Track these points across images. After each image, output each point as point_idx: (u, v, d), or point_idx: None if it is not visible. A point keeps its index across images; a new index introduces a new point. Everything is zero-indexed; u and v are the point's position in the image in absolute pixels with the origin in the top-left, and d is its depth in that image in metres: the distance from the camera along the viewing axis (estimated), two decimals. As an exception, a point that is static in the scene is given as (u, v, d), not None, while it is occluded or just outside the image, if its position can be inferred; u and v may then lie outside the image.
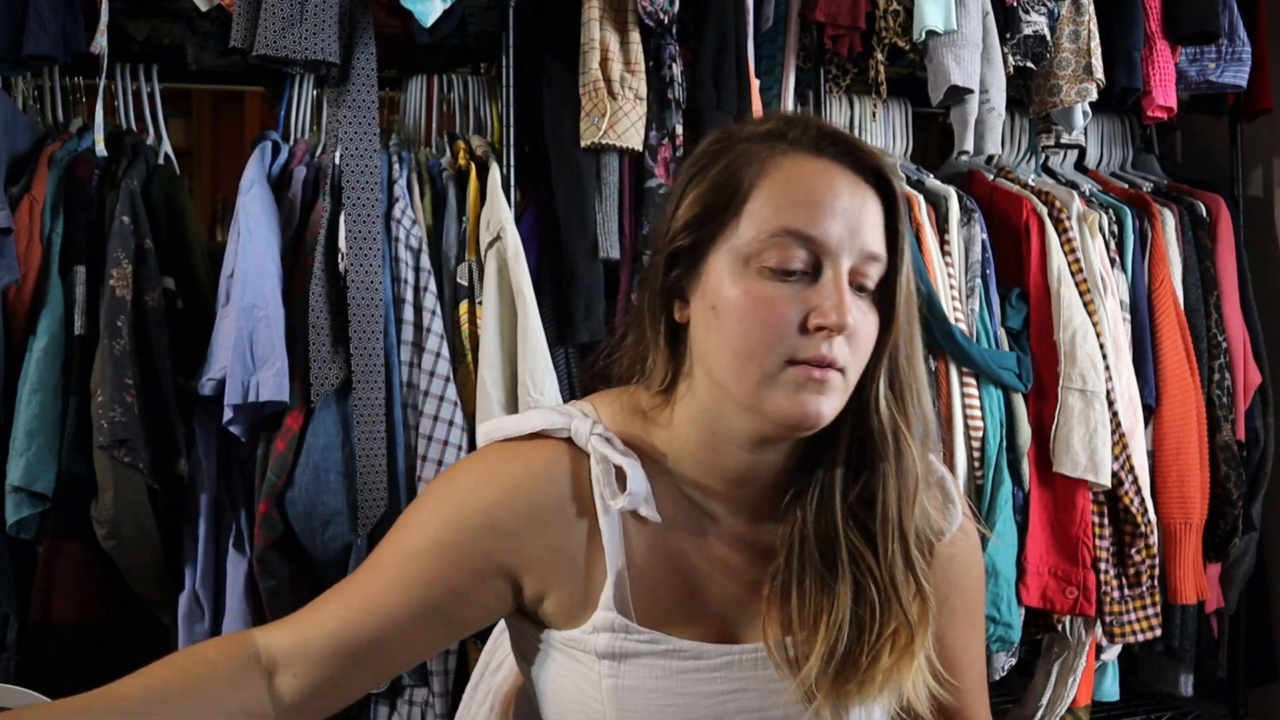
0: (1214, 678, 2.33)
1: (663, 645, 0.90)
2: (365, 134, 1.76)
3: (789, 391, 0.84)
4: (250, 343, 1.62)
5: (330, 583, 1.68)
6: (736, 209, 0.87)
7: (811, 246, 0.85)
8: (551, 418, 0.92)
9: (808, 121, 0.90)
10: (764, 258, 0.85)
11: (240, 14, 1.68)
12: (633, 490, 0.88)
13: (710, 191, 0.89)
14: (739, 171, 0.88)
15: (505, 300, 1.75)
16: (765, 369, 0.84)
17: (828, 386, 0.85)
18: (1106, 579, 2.02)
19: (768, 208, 0.86)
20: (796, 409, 0.84)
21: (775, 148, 0.88)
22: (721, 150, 0.91)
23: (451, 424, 1.72)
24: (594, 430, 0.91)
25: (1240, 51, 2.28)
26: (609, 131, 1.84)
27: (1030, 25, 2.09)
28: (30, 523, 1.60)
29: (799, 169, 0.87)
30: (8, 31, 1.63)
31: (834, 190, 0.86)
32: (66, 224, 1.69)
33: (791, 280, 0.85)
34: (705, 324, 0.88)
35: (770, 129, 0.90)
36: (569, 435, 0.92)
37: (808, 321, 0.84)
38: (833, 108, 2.15)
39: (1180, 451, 2.14)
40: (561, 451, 0.91)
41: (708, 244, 0.88)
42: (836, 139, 0.89)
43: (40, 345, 1.62)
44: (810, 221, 0.85)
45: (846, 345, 0.85)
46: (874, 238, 0.87)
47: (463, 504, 0.90)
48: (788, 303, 0.84)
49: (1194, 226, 2.28)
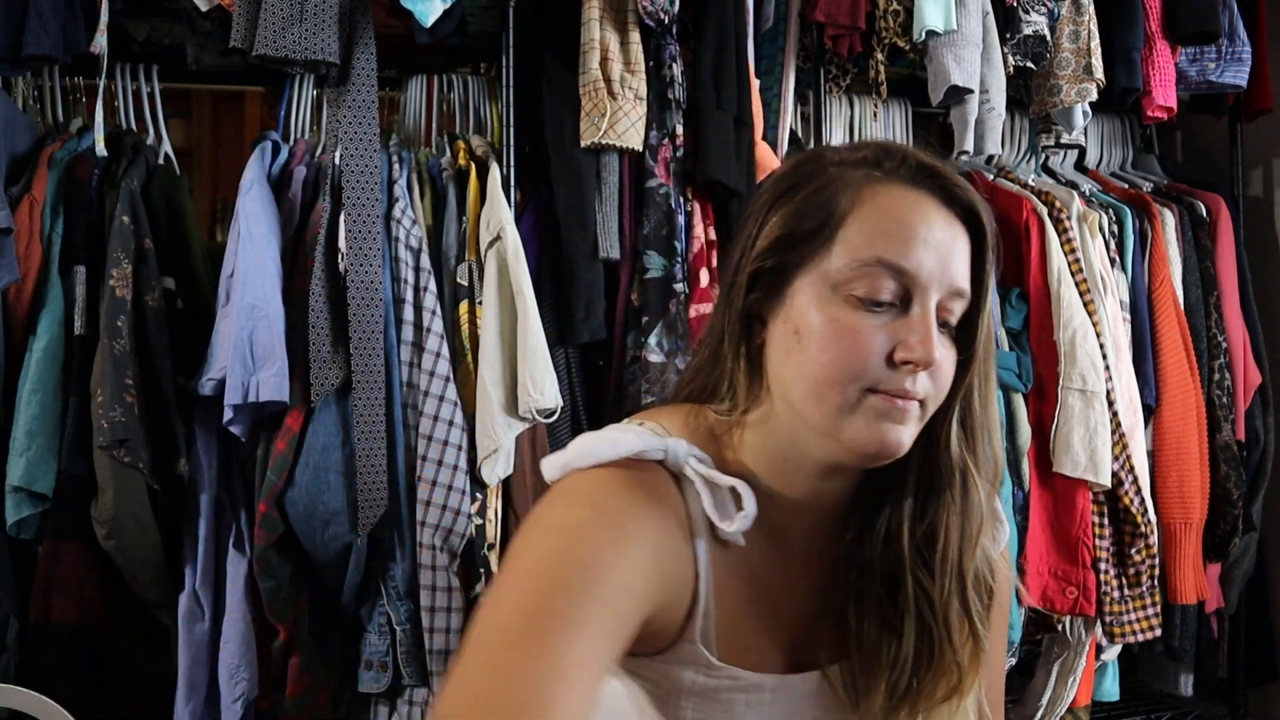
0: (1214, 678, 2.33)
1: (742, 680, 0.88)
2: (365, 134, 1.76)
3: (869, 420, 0.83)
4: (250, 343, 1.62)
5: (330, 582, 1.70)
6: (828, 235, 0.85)
7: (902, 279, 0.83)
8: (646, 440, 0.87)
9: (905, 152, 0.89)
10: (853, 286, 0.83)
11: (240, 14, 1.68)
12: (749, 512, 0.85)
13: (800, 214, 0.87)
14: (832, 197, 0.86)
15: (505, 300, 1.75)
16: (846, 397, 0.83)
17: (907, 416, 0.84)
18: (1106, 579, 2.02)
19: (860, 236, 0.84)
20: (875, 438, 0.83)
21: (871, 175, 0.87)
22: (812, 173, 0.89)
23: (451, 424, 1.72)
24: (690, 452, 0.88)
25: (1240, 51, 2.28)
26: (609, 131, 1.84)
27: (1030, 25, 2.09)
28: (30, 523, 1.60)
29: (895, 199, 0.86)
30: (8, 31, 1.63)
31: (928, 223, 0.85)
32: (66, 224, 1.69)
33: (878, 311, 0.83)
34: (786, 348, 0.86)
35: (866, 156, 0.88)
36: (662, 458, 0.87)
37: (894, 354, 0.83)
38: (833, 108, 2.16)
39: (1180, 451, 2.14)
40: (661, 475, 0.87)
41: (794, 267, 0.86)
42: (933, 172, 0.88)
43: (40, 345, 1.62)
44: (903, 253, 0.83)
45: (928, 379, 0.84)
46: (961, 273, 0.86)
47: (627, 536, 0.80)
48: (874, 334, 0.83)
49: (1194, 226, 2.28)
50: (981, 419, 0.89)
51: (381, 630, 1.72)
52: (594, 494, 0.83)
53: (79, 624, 1.59)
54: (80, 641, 1.59)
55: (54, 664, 1.57)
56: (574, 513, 0.81)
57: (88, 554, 1.60)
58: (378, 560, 1.72)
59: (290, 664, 1.69)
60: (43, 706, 1.34)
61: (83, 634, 1.60)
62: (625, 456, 0.85)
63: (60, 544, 1.60)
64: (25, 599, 1.60)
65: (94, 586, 1.61)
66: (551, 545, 0.78)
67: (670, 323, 1.86)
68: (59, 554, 1.59)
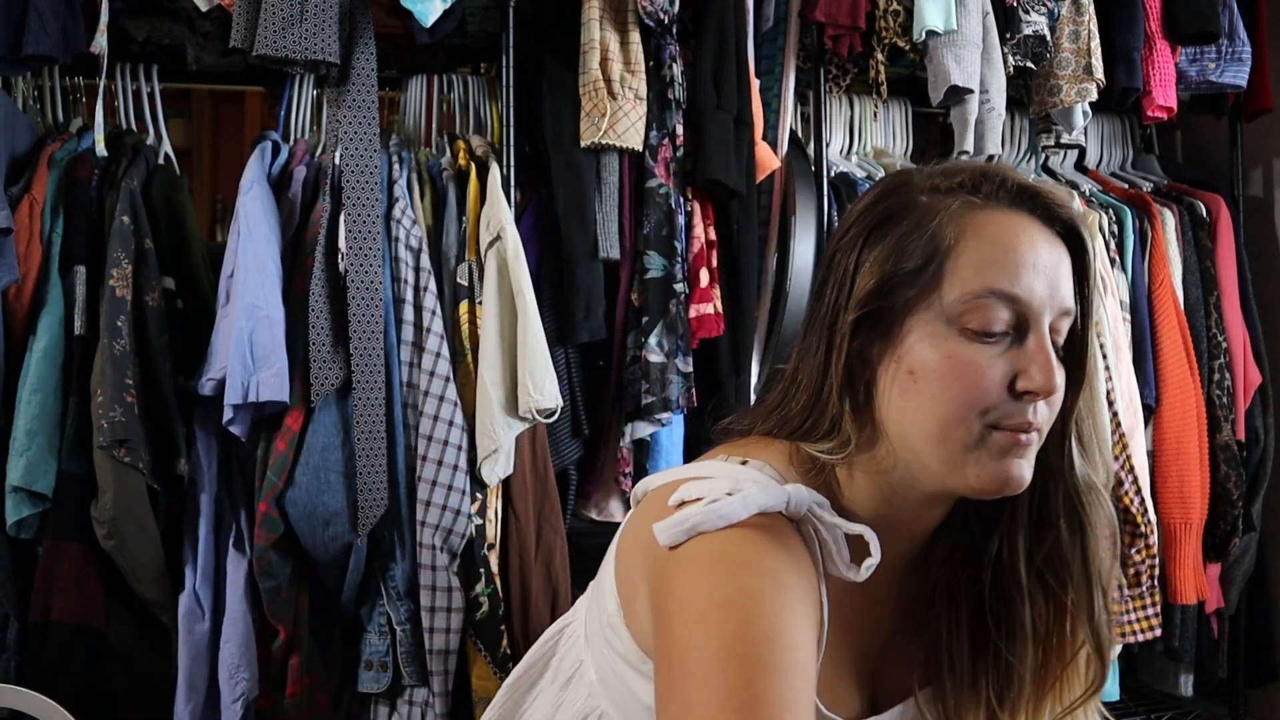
0: (1214, 678, 2.33)
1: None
2: (365, 134, 1.76)
3: (993, 456, 0.82)
4: (250, 343, 1.62)
5: (330, 582, 1.70)
6: (936, 270, 0.83)
7: (1016, 306, 0.82)
8: (771, 496, 0.81)
9: (1002, 174, 0.87)
10: (966, 319, 0.82)
11: (240, 14, 1.68)
12: (875, 558, 0.81)
13: (901, 252, 0.85)
14: (936, 231, 0.84)
15: (505, 300, 1.75)
16: (971, 434, 0.82)
17: (1028, 450, 0.83)
18: (1106, 579, 2.02)
19: (970, 268, 0.82)
20: (1001, 475, 0.82)
21: (970, 202, 0.85)
22: (906, 205, 0.87)
23: (451, 424, 1.72)
24: (811, 498, 0.84)
25: (1240, 51, 2.28)
26: (609, 131, 1.84)
27: (1030, 25, 2.09)
28: (30, 523, 1.60)
29: (999, 226, 0.84)
30: (8, 31, 1.63)
31: (1035, 247, 0.83)
32: (66, 224, 1.69)
33: (993, 342, 0.82)
34: (901, 389, 0.84)
35: (962, 182, 0.87)
36: (784, 508, 0.82)
37: (1015, 385, 0.82)
38: (833, 108, 2.16)
39: (1180, 451, 2.14)
40: (784, 523, 0.82)
41: (904, 305, 0.84)
42: (1034, 193, 0.86)
43: (40, 345, 1.62)
44: (1015, 281, 0.82)
45: (1046, 407, 0.83)
46: (1068, 293, 0.85)
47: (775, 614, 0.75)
48: (992, 365, 0.82)
49: (1194, 226, 2.28)
50: (1093, 434, 0.89)
51: (381, 630, 1.72)
52: (745, 556, 0.78)
53: (79, 624, 1.59)
54: (80, 641, 1.59)
55: (54, 664, 1.57)
56: (738, 582, 0.76)
57: (88, 554, 1.60)
58: (378, 560, 1.72)
59: (290, 664, 1.69)
60: (43, 706, 1.34)
61: (83, 634, 1.60)
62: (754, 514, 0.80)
63: (60, 544, 1.59)
64: (25, 599, 1.60)
65: (94, 586, 1.61)
66: (733, 625, 0.73)
67: (670, 323, 1.86)
68: (59, 554, 1.59)
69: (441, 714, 1.71)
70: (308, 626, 1.71)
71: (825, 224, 2.00)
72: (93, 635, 1.60)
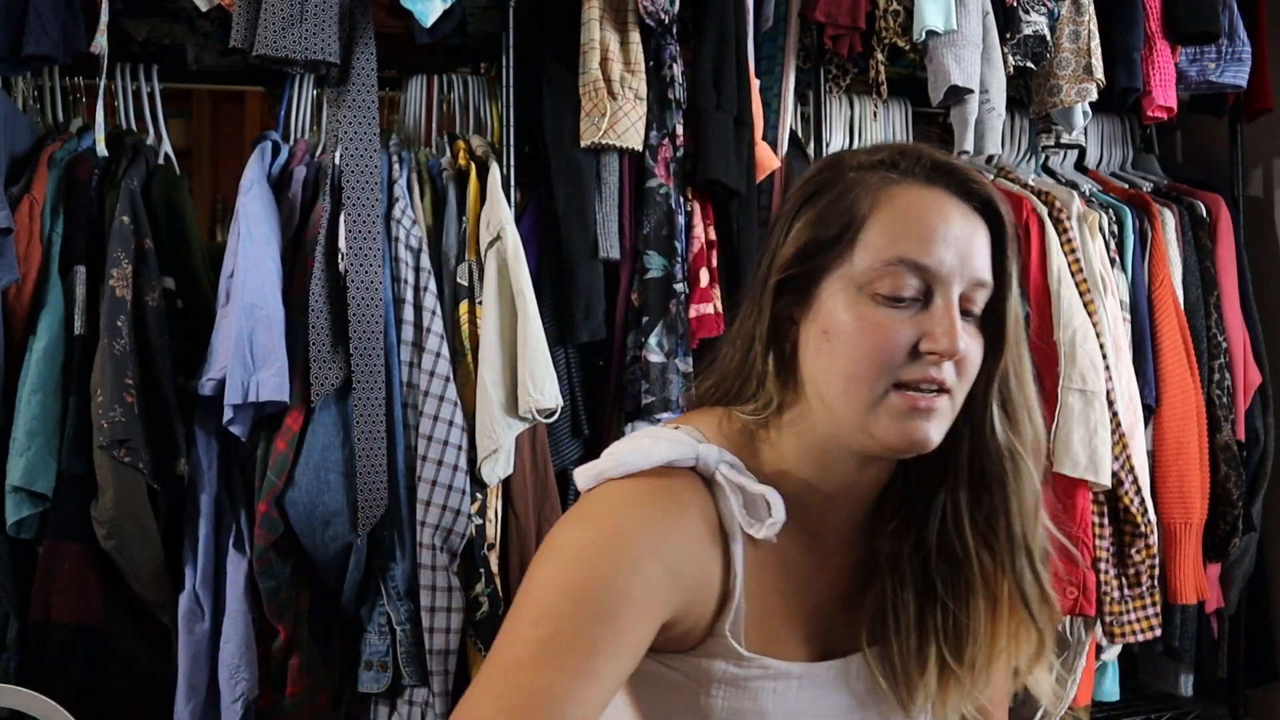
0: (1214, 678, 2.33)
1: (771, 669, 0.91)
2: (365, 134, 1.76)
3: (895, 417, 0.87)
4: (250, 343, 1.62)
5: (330, 582, 1.70)
6: (851, 238, 0.89)
7: (924, 275, 0.87)
8: (678, 449, 0.90)
9: (920, 151, 0.93)
10: (877, 285, 0.87)
11: (240, 14, 1.68)
12: (776, 518, 0.89)
13: (822, 221, 0.91)
14: (853, 201, 0.90)
15: (505, 300, 1.75)
16: (874, 392, 0.86)
17: (934, 413, 0.87)
18: (1106, 579, 2.02)
19: (882, 237, 0.88)
20: (904, 433, 0.87)
21: (889, 178, 0.91)
22: (832, 179, 0.93)
23: (451, 424, 1.72)
24: (721, 458, 0.91)
25: (1240, 51, 2.28)
26: (609, 131, 1.84)
27: (1030, 25, 2.09)
28: (30, 523, 1.60)
29: (912, 199, 0.89)
30: (8, 31, 1.63)
31: (947, 220, 0.89)
32: (66, 224, 1.69)
33: (902, 306, 0.87)
34: (816, 348, 0.90)
35: (883, 159, 0.92)
36: (694, 464, 0.91)
37: (919, 346, 0.87)
38: (833, 108, 2.15)
39: (1180, 451, 2.14)
40: (692, 481, 0.90)
41: (821, 271, 0.90)
42: (949, 169, 0.91)
43: (40, 345, 1.62)
44: (924, 251, 0.87)
45: (954, 369, 0.87)
46: (982, 264, 0.90)
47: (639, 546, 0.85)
48: (899, 328, 0.87)
49: (1194, 226, 2.28)
50: (1021, 400, 0.93)
51: (381, 630, 1.72)
52: (608, 512, 0.87)
53: (79, 624, 1.59)
54: (80, 641, 1.59)
55: (54, 664, 1.57)
56: (584, 534, 0.85)
57: (88, 554, 1.60)
58: (378, 560, 1.72)
59: (290, 664, 1.69)
60: (43, 706, 1.34)
61: (83, 634, 1.60)
62: (657, 465, 0.88)
63: (60, 544, 1.59)
64: (25, 599, 1.60)
65: (94, 586, 1.61)
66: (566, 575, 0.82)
67: (670, 323, 1.86)
68: (59, 554, 1.59)
69: (441, 714, 1.71)
70: (308, 626, 1.71)
71: (825, 224, 1.99)
72: (93, 635, 1.61)
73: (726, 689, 0.90)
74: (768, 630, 0.91)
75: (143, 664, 1.66)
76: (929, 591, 0.93)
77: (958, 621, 0.92)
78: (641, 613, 0.83)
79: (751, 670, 0.90)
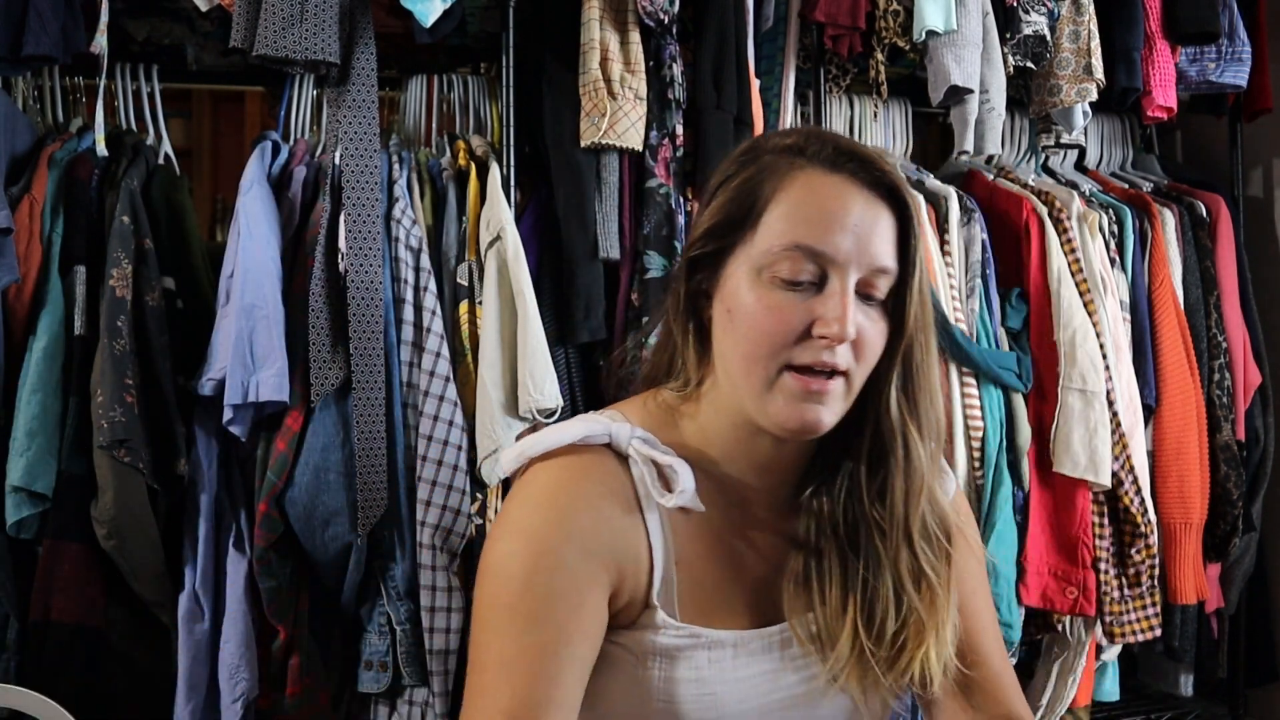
0: (1214, 678, 2.33)
1: (702, 639, 0.93)
2: (365, 134, 1.76)
3: (788, 399, 0.89)
4: (250, 343, 1.62)
5: (330, 582, 1.70)
6: (754, 220, 0.92)
7: (820, 260, 0.89)
8: (590, 426, 0.95)
9: (825, 137, 0.95)
10: (776, 268, 0.90)
11: (240, 14, 1.68)
12: (684, 488, 0.92)
13: (732, 202, 0.94)
14: (759, 184, 0.93)
15: (505, 300, 1.75)
16: (768, 372, 0.89)
17: (827, 396, 0.90)
18: (1106, 579, 2.02)
19: (782, 222, 0.91)
20: (795, 417, 0.89)
21: (794, 163, 0.93)
22: (747, 161, 0.96)
23: (451, 424, 1.72)
24: (634, 434, 0.95)
25: (1240, 51, 2.28)
26: (609, 131, 1.84)
27: (1030, 25, 2.09)
28: (30, 523, 1.60)
29: (814, 185, 0.91)
30: (8, 31, 1.63)
31: (846, 207, 0.90)
32: (66, 224, 1.69)
33: (800, 290, 0.89)
34: (722, 326, 0.93)
35: (791, 143, 0.95)
36: (608, 441, 0.95)
37: (812, 329, 0.89)
38: (833, 108, 2.15)
39: (1180, 451, 2.13)
40: (605, 456, 0.94)
41: (728, 251, 0.94)
42: (854, 155, 0.93)
43: (40, 345, 1.62)
44: (820, 238, 0.89)
45: (850, 352, 0.89)
46: (884, 250, 0.91)
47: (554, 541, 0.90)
48: (794, 310, 0.89)
49: (1194, 226, 2.28)
50: (923, 384, 0.95)
51: (381, 630, 1.72)
52: (523, 516, 0.92)
53: (79, 624, 1.59)
54: (80, 641, 1.59)
55: (54, 664, 1.57)
56: (505, 548, 0.91)
57: (88, 554, 1.60)
58: (378, 560, 1.71)
59: (290, 664, 1.69)
60: (43, 706, 1.34)
61: (83, 634, 1.60)
62: (570, 443, 0.93)
63: (60, 544, 1.59)
64: (25, 599, 1.60)
65: (94, 586, 1.61)
66: (497, 594, 0.89)
67: (670, 323, 1.86)
68: (59, 554, 1.59)
69: (441, 714, 1.71)
70: (308, 626, 1.71)
71: (825, 224, 1.99)
72: (93, 635, 1.60)
73: (662, 660, 0.93)
74: (702, 600, 0.94)
75: (143, 664, 1.66)
76: (847, 563, 0.95)
77: (873, 593, 0.94)
78: (576, 601, 0.88)
79: (684, 640, 0.93)
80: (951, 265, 2.02)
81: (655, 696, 0.93)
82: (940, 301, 1.96)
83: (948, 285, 2.00)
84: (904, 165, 2.21)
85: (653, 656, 0.93)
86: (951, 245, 2.03)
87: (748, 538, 0.99)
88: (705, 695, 0.93)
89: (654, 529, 0.93)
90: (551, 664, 0.86)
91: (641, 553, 0.93)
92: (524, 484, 0.95)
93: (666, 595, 0.93)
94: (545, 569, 0.88)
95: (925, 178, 2.16)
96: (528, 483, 0.94)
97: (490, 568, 0.91)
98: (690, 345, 0.98)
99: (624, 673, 0.94)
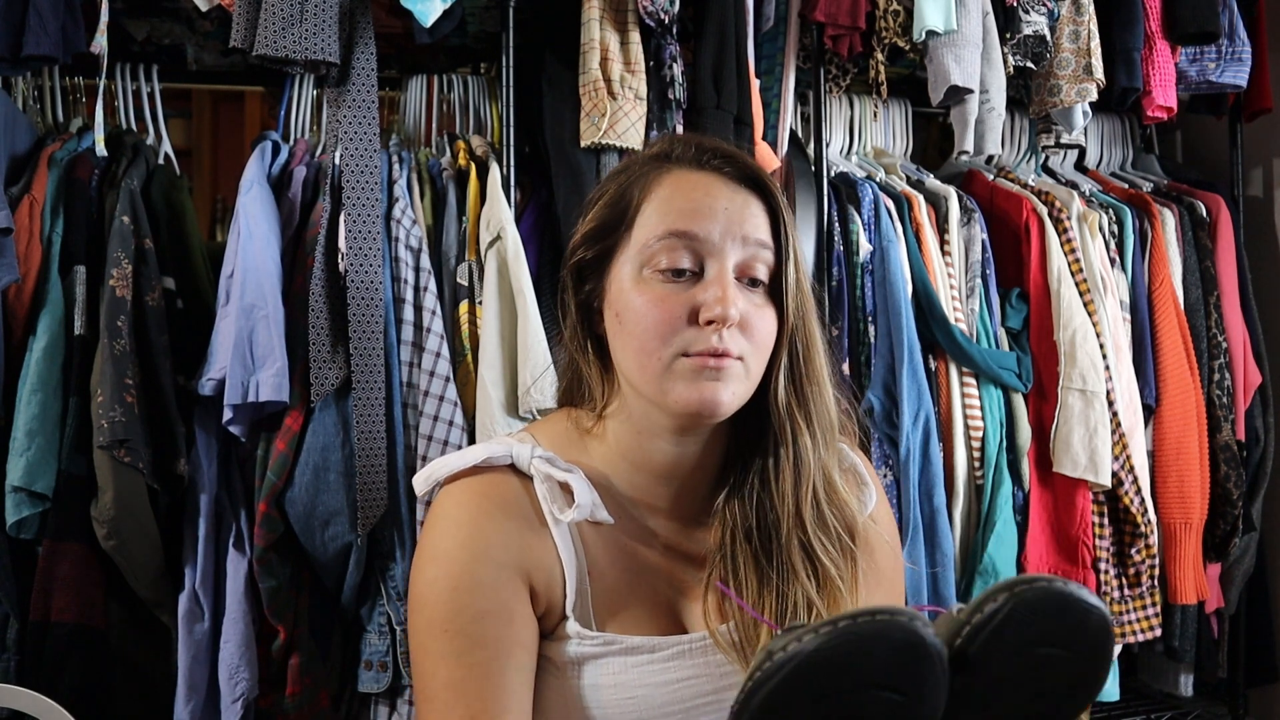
0: (1214, 678, 2.33)
1: (619, 644, 0.95)
2: (365, 134, 1.76)
3: (686, 381, 0.91)
4: (250, 343, 1.62)
5: (330, 582, 1.70)
6: (629, 222, 0.96)
7: (695, 244, 0.92)
8: (492, 449, 0.97)
9: (689, 139, 1.00)
10: (655, 261, 0.93)
11: (240, 14, 1.68)
12: (580, 502, 0.94)
13: (606, 208, 0.99)
14: (630, 189, 0.97)
15: (505, 300, 1.75)
16: (663, 361, 0.91)
17: (725, 374, 0.91)
18: (1106, 579, 2.02)
19: (655, 216, 0.94)
20: (695, 397, 0.91)
21: (662, 166, 0.97)
22: (618, 173, 1.01)
23: (451, 424, 1.72)
24: (534, 454, 0.97)
25: (1240, 51, 2.27)
26: (609, 131, 1.84)
27: (1030, 25, 2.09)
28: (30, 523, 1.60)
29: (681, 181, 0.96)
30: (8, 31, 1.63)
31: (713, 194, 0.94)
32: (66, 224, 1.69)
33: (681, 280, 0.92)
34: (614, 331, 0.96)
35: (658, 150, 1.00)
36: (510, 462, 0.97)
37: (698, 315, 0.91)
38: (833, 108, 2.16)
39: (1180, 451, 2.13)
40: (508, 475, 0.97)
41: (609, 256, 0.97)
42: (718, 152, 0.97)
43: (40, 345, 1.62)
44: (692, 221, 0.93)
45: (741, 336, 0.92)
46: (756, 227, 0.94)
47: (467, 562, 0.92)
48: (677, 300, 0.92)
49: (1194, 226, 2.28)
50: (809, 372, 0.97)
51: (381, 630, 1.72)
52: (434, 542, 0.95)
53: (79, 624, 1.59)
54: (80, 641, 1.59)
55: (54, 664, 1.57)
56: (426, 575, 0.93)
57: (88, 554, 1.60)
58: (378, 560, 1.72)
59: (290, 664, 1.69)
60: (43, 706, 1.34)
61: (83, 634, 1.59)
62: (473, 465, 0.96)
63: (60, 544, 1.59)
64: (25, 599, 1.60)
65: (94, 586, 1.61)
66: (427, 622, 0.92)
67: (670, 323, 1.86)
68: (59, 554, 1.59)
69: (441, 714, 1.71)
70: (308, 626, 1.71)
71: (825, 224, 2.00)
72: (93, 635, 1.60)
73: (583, 667, 0.95)
74: (617, 607, 0.96)
75: (143, 664, 1.66)
76: (763, 572, 0.96)
77: (786, 600, 0.95)
78: (505, 616, 0.91)
79: (600, 647, 0.95)
80: (951, 265, 2.02)
81: (581, 704, 0.95)
82: (939, 301, 1.96)
83: (948, 285, 2.00)
84: (904, 165, 2.21)
85: (573, 665, 0.95)
86: (951, 245, 2.03)
87: (661, 549, 1.00)
88: (627, 700, 0.94)
89: (562, 542, 0.95)
90: (498, 678, 0.88)
91: (553, 565, 0.95)
92: (433, 510, 0.97)
93: (581, 605, 0.95)
94: (466, 590, 0.91)
95: (925, 178, 2.16)
96: (435, 508, 0.97)
97: (418, 597, 0.94)
98: (591, 364, 1.00)
99: (549, 682, 0.96)
